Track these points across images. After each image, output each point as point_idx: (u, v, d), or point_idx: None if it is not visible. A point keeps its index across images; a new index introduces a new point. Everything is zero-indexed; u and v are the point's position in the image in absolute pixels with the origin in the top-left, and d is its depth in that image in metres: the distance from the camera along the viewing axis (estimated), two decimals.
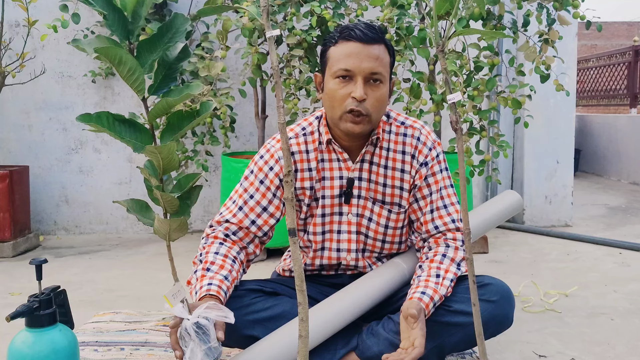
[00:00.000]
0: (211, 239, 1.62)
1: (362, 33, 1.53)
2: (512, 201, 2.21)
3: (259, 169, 1.66)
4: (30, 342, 1.36)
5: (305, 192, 1.68)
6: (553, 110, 4.09)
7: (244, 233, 1.64)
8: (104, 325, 2.15)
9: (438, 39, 1.14)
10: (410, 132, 1.66)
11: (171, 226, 1.26)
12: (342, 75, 1.53)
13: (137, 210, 1.33)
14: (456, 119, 1.16)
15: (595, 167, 7.08)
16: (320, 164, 1.67)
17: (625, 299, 2.51)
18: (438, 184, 1.66)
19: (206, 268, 1.52)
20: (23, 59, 3.47)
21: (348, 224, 1.70)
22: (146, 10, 1.21)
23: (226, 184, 3.29)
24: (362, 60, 1.51)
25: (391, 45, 1.61)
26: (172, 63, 1.23)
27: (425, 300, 1.51)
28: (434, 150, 1.66)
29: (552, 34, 2.92)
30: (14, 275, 2.96)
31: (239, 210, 1.64)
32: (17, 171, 3.51)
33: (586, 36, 15.68)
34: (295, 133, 1.68)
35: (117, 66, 1.14)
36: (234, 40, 3.41)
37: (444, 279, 1.57)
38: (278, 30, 1.09)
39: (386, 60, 1.56)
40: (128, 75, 1.16)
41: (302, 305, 1.13)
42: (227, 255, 1.57)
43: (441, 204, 1.66)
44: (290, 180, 1.12)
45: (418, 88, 2.87)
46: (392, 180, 1.66)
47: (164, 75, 1.23)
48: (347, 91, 1.52)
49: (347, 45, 1.53)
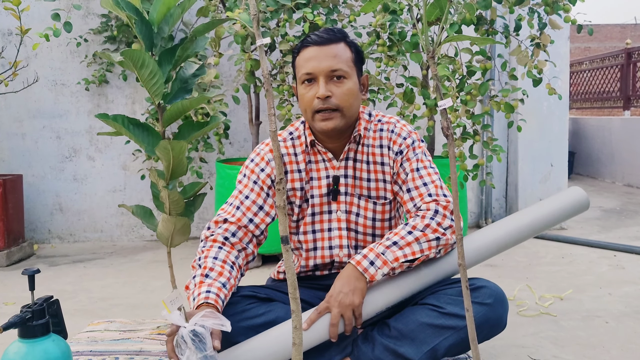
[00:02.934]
0: (210, 242, 1.63)
1: (317, 37, 1.63)
2: (577, 198, 1.91)
3: (251, 171, 1.73)
4: (23, 352, 1.35)
5: (295, 194, 1.74)
6: (546, 114, 4.11)
7: (243, 233, 1.65)
8: (99, 335, 2.14)
9: (428, 45, 1.14)
10: (386, 127, 1.73)
11: (175, 226, 1.30)
12: (306, 79, 1.63)
13: (142, 216, 1.38)
14: (447, 125, 1.16)
15: (590, 169, 7.10)
16: (308, 165, 1.74)
17: (620, 301, 2.52)
18: (412, 164, 1.68)
19: (205, 274, 1.52)
20: (16, 68, 3.46)
21: (338, 221, 1.75)
22: (172, 25, 1.29)
23: (220, 191, 3.29)
24: (321, 61, 1.60)
25: (353, 42, 1.68)
26: (188, 78, 1.33)
27: (357, 258, 1.56)
28: (408, 139, 1.71)
29: (543, 38, 2.93)
30: (8, 285, 2.95)
31: (237, 209, 1.68)
32: (11, 180, 3.49)
33: (579, 39, 15.76)
34: (284, 138, 1.76)
35: (139, 69, 1.21)
36: (227, 47, 3.41)
37: (388, 239, 1.57)
38: (268, 39, 1.09)
39: (346, 56, 1.63)
40: (148, 79, 1.23)
41: (296, 312, 1.13)
42: (226, 260, 1.57)
43: (419, 182, 1.66)
44: (282, 188, 1.12)
45: (411, 93, 2.87)
46: (375, 174, 1.72)
47: (180, 87, 1.32)
48: (312, 93, 1.62)
49: (306, 51, 1.64)
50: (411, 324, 1.56)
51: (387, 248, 1.56)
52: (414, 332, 1.55)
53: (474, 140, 2.93)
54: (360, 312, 1.53)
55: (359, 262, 1.55)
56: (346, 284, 1.54)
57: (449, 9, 1.15)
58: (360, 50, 1.70)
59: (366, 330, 1.64)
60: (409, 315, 1.58)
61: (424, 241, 1.57)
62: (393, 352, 1.55)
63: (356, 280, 1.54)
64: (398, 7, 2.75)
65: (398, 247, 1.56)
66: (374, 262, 1.55)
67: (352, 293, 1.52)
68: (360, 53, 1.70)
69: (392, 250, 1.55)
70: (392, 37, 2.81)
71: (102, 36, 3.83)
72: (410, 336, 1.55)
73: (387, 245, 1.56)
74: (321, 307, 1.54)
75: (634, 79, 7.18)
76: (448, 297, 1.58)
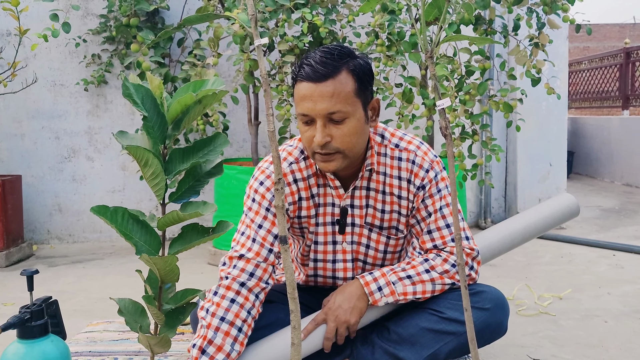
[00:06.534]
0: (223, 289, 1.48)
1: (312, 70, 1.41)
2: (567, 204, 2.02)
3: (262, 197, 1.56)
4: (22, 353, 1.35)
5: (309, 221, 1.62)
6: (545, 113, 4.11)
7: (263, 270, 1.51)
8: (98, 335, 2.14)
9: (427, 45, 1.14)
10: (405, 155, 1.57)
11: (150, 342, 1.24)
12: (303, 120, 1.46)
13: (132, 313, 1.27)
14: (446, 125, 1.16)
15: (589, 169, 7.10)
16: (318, 189, 1.61)
17: (619, 301, 2.52)
18: (435, 204, 1.58)
19: (203, 349, 1.41)
20: (15, 68, 3.46)
21: (343, 253, 1.65)
22: (190, 122, 1.20)
23: (219, 191, 3.29)
24: (316, 102, 1.41)
25: (358, 65, 1.45)
26: (202, 176, 1.22)
27: (367, 278, 1.54)
28: (431, 172, 1.57)
29: (542, 37, 2.93)
30: (7, 286, 2.95)
31: (253, 242, 1.53)
32: (10, 180, 3.49)
33: (578, 38, 15.77)
34: (295, 158, 1.60)
35: (143, 167, 1.14)
36: (225, 48, 3.41)
37: (404, 270, 1.55)
38: (266, 39, 1.09)
39: (346, 91, 1.42)
40: (151, 179, 1.16)
41: (294, 313, 1.13)
42: (234, 322, 1.44)
43: (442, 223, 1.58)
44: (280, 188, 1.12)
45: (410, 93, 2.88)
46: (390, 206, 1.60)
47: (189, 186, 1.22)
48: (311, 134, 1.45)
49: (300, 86, 1.44)
50: (411, 328, 1.55)
51: (399, 279, 1.53)
52: (414, 337, 1.54)
53: (472, 140, 2.94)
54: (355, 329, 1.53)
55: (367, 283, 1.53)
56: (347, 300, 1.52)
57: (448, 8, 1.15)
58: (366, 72, 1.48)
59: (365, 332, 1.63)
60: (409, 319, 1.57)
61: (438, 284, 1.55)
62: (393, 356, 1.55)
63: (358, 300, 1.52)
64: (396, 7, 2.75)
65: (411, 281, 1.54)
66: (382, 289, 1.53)
67: (350, 311, 1.51)
68: (367, 75, 1.48)
69: (404, 283, 1.53)
70: (390, 37, 2.82)
71: (100, 37, 3.82)
72: (410, 340, 1.55)
73: (401, 277, 1.54)
74: (318, 318, 1.53)
75: (632, 79, 7.18)
76: (448, 301, 1.56)
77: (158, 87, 1.17)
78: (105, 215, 1.17)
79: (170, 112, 1.16)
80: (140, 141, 1.17)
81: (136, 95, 1.14)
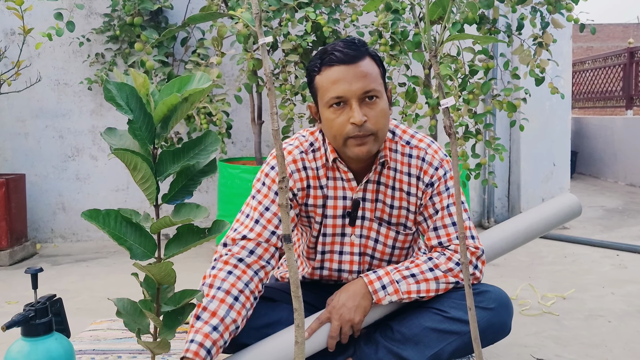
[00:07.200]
0: (220, 263, 1.50)
1: (343, 54, 1.45)
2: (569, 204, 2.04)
3: (272, 181, 1.58)
4: (26, 351, 1.35)
5: (316, 210, 1.63)
6: (549, 113, 4.11)
7: (264, 249, 1.52)
8: (101, 333, 2.14)
9: (431, 44, 1.14)
10: (415, 152, 1.60)
11: (149, 346, 1.23)
12: (335, 102, 1.46)
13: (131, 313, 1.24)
14: (449, 124, 1.16)
15: (592, 169, 7.09)
16: (327, 181, 1.62)
17: (623, 301, 2.52)
18: (443, 201, 1.59)
19: (197, 315, 1.42)
20: (19, 67, 3.47)
21: (351, 245, 1.66)
22: (176, 121, 1.17)
23: (223, 190, 3.29)
24: (351, 83, 1.44)
25: (376, 53, 1.53)
26: (195, 175, 1.21)
27: (371, 277, 1.54)
28: (440, 170, 1.59)
29: (546, 37, 2.93)
30: (10, 284, 2.96)
31: (256, 223, 1.54)
32: (14, 179, 3.50)
33: (582, 38, 15.73)
34: (305, 149, 1.62)
35: (132, 171, 1.12)
36: (229, 47, 3.41)
37: (408, 269, 1.55)
38: (270, 38, 1.09)
39: (376, 73, 1.48)
40: (141, 182, 1.13)
41: (298, 311, 1.13)
42: (230, 291, 1.45)
43: (448, 221, 1.59)
44: (284, 187, 1.12)
45: (413, 92, 2.87)
46: (399, 202, 1.62)
47: (182, 185, 1.20)
48: (344, 118, 1.46)
49: (331, 70, 1.46)
50: (415, 328, 1.55)
51: (403, 278, 1.54)
52: (417, 336, 1.55)
53: (476, 140, 2.93)
54: (359, 328, 1.53)
55: (371, 281, 1.54)
56: (351, 298, 1.52)
57: (452, 8, 1.15)
58: (381, 60, 1.55)
59: (369, 332, 1.63)
60: (413, 318, 1.57)
61: (442, 282, 1.55)
62: (396, 355, 1.55)
63: (362, 298, 1.53)
64: (400, 7, 2.75)
65: (415, 280, 1.54)
66: (386, 287, 1.53)
67: (354, 310, 1.51)
68: (382, 63, 1.54)
69: (408, 281, 1.54)
70: (394, 37, 2.81)
71: (104, 36, 3.83)
72: (413, 340, 1.55)
73: (405, 276, 1.54)
74: (322, 316, 1.53)
75: (636, 79, 7.16)
76: (452, 301, 1.56)
77: (143, 85, 1.13)
78: (97, 219, 1.13)
79: (156, 113, 1.13)
80: (130, 139, 1.14)
81: (120, 96, 1.10)
